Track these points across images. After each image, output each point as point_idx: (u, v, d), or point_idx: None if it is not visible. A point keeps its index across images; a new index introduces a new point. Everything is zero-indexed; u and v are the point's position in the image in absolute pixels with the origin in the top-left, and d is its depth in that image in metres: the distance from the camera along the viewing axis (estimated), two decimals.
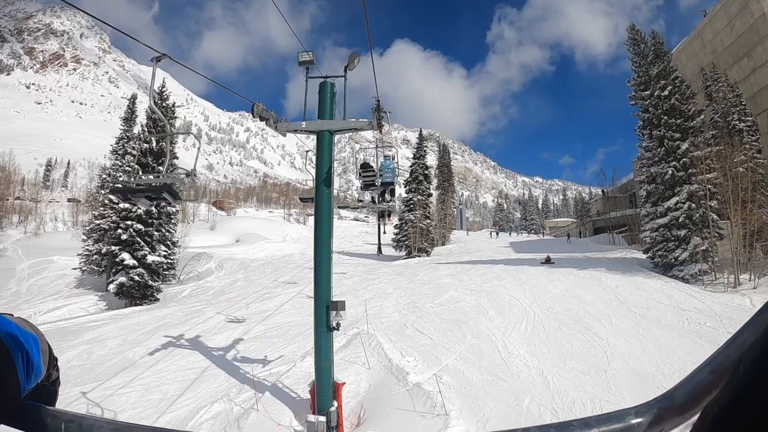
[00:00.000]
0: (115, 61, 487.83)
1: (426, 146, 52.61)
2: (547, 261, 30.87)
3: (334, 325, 8.51)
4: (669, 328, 15.72)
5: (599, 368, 12.21)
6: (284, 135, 9.76)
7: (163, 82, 33.47)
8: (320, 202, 8.61)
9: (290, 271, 33.19)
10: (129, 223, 27.79)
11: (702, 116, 29.64)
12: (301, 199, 11.41)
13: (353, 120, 8.94)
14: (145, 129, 29.60)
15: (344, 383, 9.34)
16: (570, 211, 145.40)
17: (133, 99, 37.02)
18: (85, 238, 36.95)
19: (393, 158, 11.74)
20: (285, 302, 21.57)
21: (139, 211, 27.80)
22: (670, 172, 27.46)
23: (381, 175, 10.60)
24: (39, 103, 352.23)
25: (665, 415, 0.57)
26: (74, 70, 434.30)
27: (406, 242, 45.63)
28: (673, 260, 26.77)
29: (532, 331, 15.40)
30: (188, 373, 12.61)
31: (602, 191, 66.86)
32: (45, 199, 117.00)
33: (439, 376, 11.26)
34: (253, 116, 8.49)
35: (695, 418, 0.51)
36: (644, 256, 30.23)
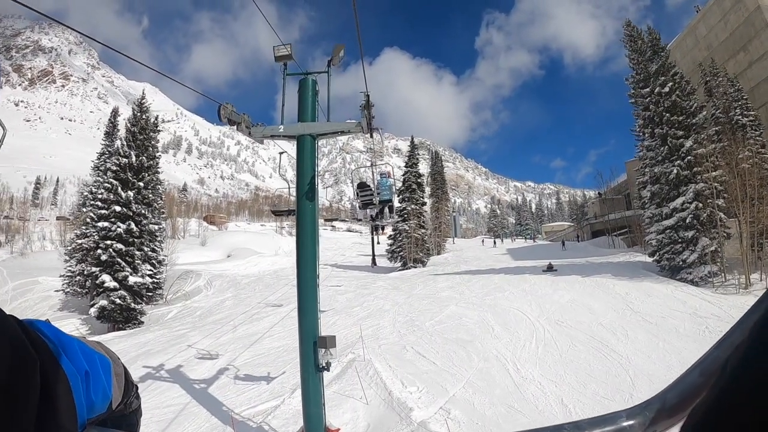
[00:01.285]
0: (104, 77, 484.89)
1: (418, 154, 51.34)
2: (550, 268, 29.57)
3: (323, 364, 7.17)
4: (690, 338, 14.52)
5: (624, 392, 10.94)
6: (261, 142, 8.49)
7: (143, 93, 32.18)
8: (302, 219, 7.28)
9: (282, 287, 31.72)
10: (109, 242, 26.30)
11: (704, 112, 28.63)
12: (274, 212, 9.78)
13: (339, 122, 7.64)
14: (125, 143, 28.24)
15: (338, 429, 8.00)
16: (564, 215, 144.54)
17: (114, 113, 35.70)
18: (67, 258, 35.36)
19: (389, 175, 11.81)
20: (275, 323, 20.18)
21: (119, 230, 26.38)
22: (675, 171, 26.36)
23: (378, 194, 10.54)
24: (28, 121, 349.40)
25: (656, 417, 0.58)
26: (63, 86, 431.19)
27: (401, 253, 44.21)
28: (680, 263, 25.75)
29: (543, 350, 14.09)
30: (166, 412, 11.24)
31: (599, 193, 65.80)
32: (34, 218, 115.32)
33: (446, 411, 9.96)
34: (220, 119, 7.20)
35: (685, 419, 0.48)
36: (649, 259, 29.16)
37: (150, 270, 30.86)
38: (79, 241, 33.56)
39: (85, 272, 29.43)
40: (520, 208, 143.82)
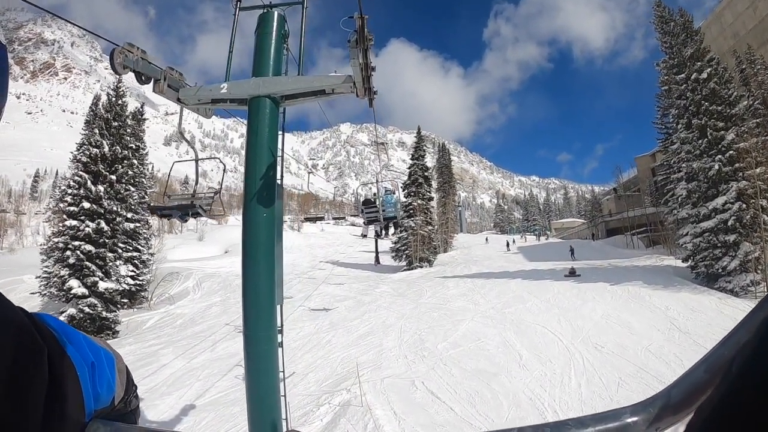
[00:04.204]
0: (106, 69, 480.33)
1: (424, 147, 48.26)
2: (572, 273, 26.61)
3: None
4: None
5: None
6: (207, 116, 5.69)
7: (120, 77, 29.32)
8: (252, 238, 4.35)
9: None
10: (77, 243, 23.43)
11: (744, 102, 25.69)
12: (152, 209, 6.40)
13: (316, 76, 4.68)
14: (96, 131, 25.32)
15: None
16: (572, 211, 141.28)
17: (96, 101, 32.81)
18: (45, 257, 32.56)
19: (394, 192, 12.00)
20: None
21: (87, 229, 23.49)
22: (716, 167, 23.42)
23: (383, 210, 10.56)
24: (29, 113, 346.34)
25: (661, 414, 0.58)
26: (65, 79, 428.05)
27: (407, 251, 41.18)
28: (719, 270, 22.92)
29: (587, 390, 11.17)
30: None
31: (614, 189, 62.84)
32: (31, 211, 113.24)
33: None
34: (115, 70, 4.35)
35: (690, 416, 0.49)
36: (681, 264, 26.54)
37: (132, 271, 28.21)
38: (56, 240, 30.76)
39: (58, 275, 26.59)
40: (527, 203, 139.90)
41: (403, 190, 43.37)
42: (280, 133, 4.73)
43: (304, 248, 59.91)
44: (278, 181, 4.56)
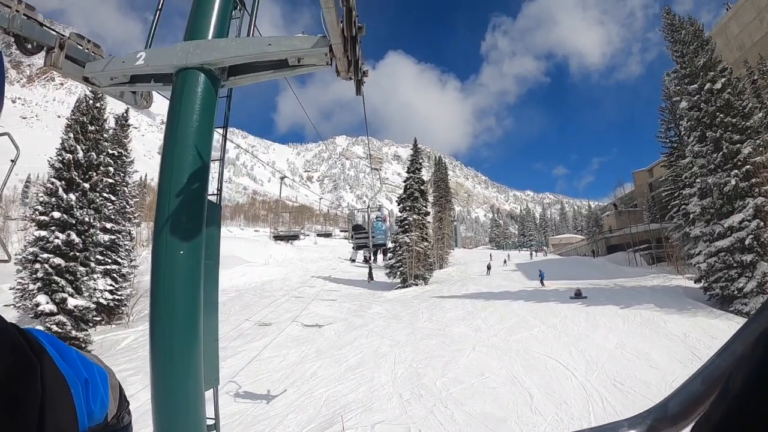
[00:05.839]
0: None
1: (420, 160, 46.64)
2: (578, 295, 24.99)
3: None
4: None
5: None
6: (137, 105, 4.18)
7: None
8: (163, 284, 2.75)
9: (263, 308, 27.13)
10: (46, 256, 21.72)
11: (760, 113, 24.41)
12: None
13: (274, 37, 3.10)
14: (71, 135, 23.75)
15: None
16: (569, 226, 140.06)
17: (78, 104, 31.16)
18: (20, 268, 30.74)
19: (385, 220, 11.17)
20: (240, 369, 15.60)
21: (57, 241, 21.82)
22: (733, 182, 22.05)
23: (373, 237, 10.58)
24: (24, 118, 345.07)
25: (658, 426, 0.58)
26: (61, 84, 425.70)
27: (401, 268, 39.37)
28: (735, 291, 21.58)
29: None
30: None
31: (614, 205, 61.59)
32: (20, 217, 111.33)
33: None
34: None
35: (688, 429, 0.51)
36: (693, 285, 25.28)
37: (111, 285, 26.53)
38: (31, 249, 29.01)
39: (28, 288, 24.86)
40: (523, 218, 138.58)
41: (399, 205, 41.89)
42: (219, 129, 3.20)
43: (296, 262, 58.33)
44: (211, 199, 3.00)
